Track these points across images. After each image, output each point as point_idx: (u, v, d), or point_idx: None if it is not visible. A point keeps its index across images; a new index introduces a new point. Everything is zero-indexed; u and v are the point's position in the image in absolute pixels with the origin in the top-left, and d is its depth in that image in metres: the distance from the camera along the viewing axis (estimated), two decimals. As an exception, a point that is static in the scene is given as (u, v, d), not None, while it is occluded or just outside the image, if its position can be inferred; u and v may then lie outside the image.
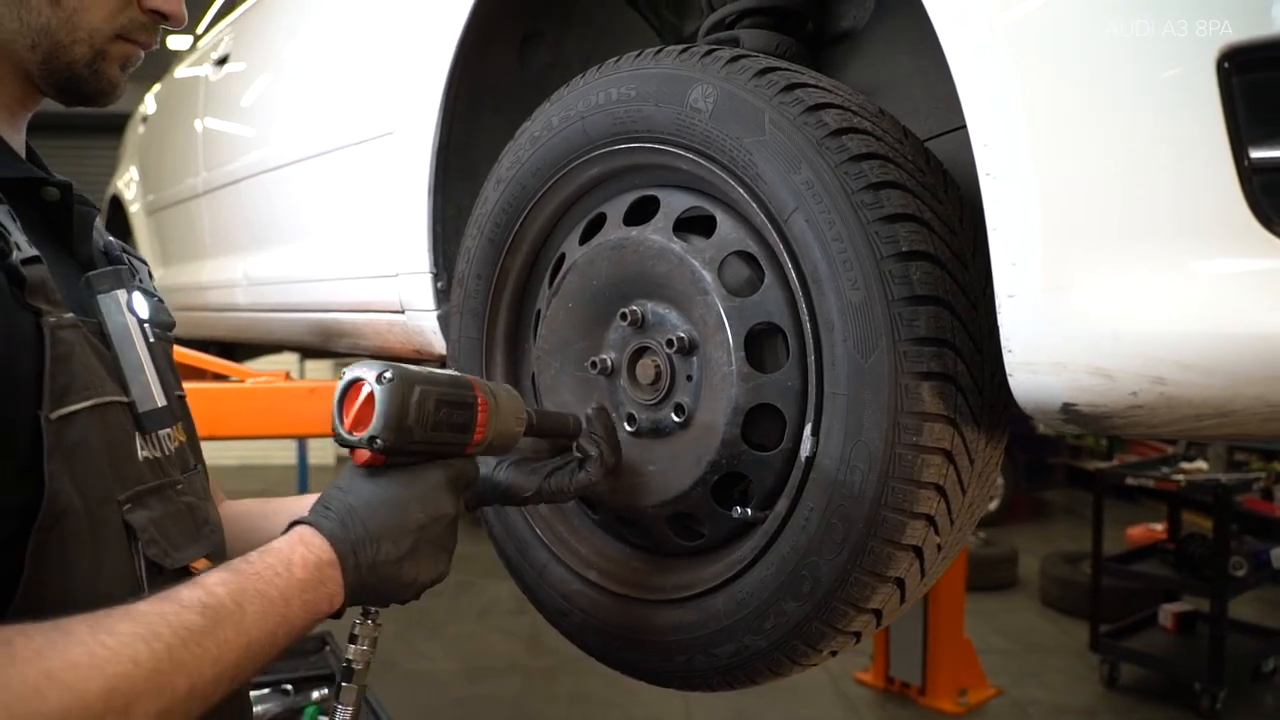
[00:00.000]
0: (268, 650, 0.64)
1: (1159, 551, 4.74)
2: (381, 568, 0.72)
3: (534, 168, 1.18)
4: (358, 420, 0.74)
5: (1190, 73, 0.65)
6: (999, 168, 0.73)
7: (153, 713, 0.56)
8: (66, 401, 0.64)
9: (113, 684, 0.54)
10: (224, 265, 2.46)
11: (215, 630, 0.60)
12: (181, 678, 0.57)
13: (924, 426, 0.84)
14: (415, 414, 0.74)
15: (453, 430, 0.78)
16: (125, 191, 3.52)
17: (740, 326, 0.98)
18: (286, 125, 2.08)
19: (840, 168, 0.88)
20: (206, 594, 0.61)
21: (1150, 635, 4.47)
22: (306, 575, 0.68)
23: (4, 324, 0.61)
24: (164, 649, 0.57)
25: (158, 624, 0.58)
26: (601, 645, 1.12)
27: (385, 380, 0.73)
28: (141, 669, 0.55)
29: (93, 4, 0.73)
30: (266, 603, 0.64)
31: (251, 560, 0.67)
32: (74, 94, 0.77)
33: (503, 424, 0.84)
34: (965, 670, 4.19)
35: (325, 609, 0.70)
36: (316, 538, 0.71)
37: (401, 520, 0.74)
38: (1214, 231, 0.66)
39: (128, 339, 0.74)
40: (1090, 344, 0.71)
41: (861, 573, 0.87)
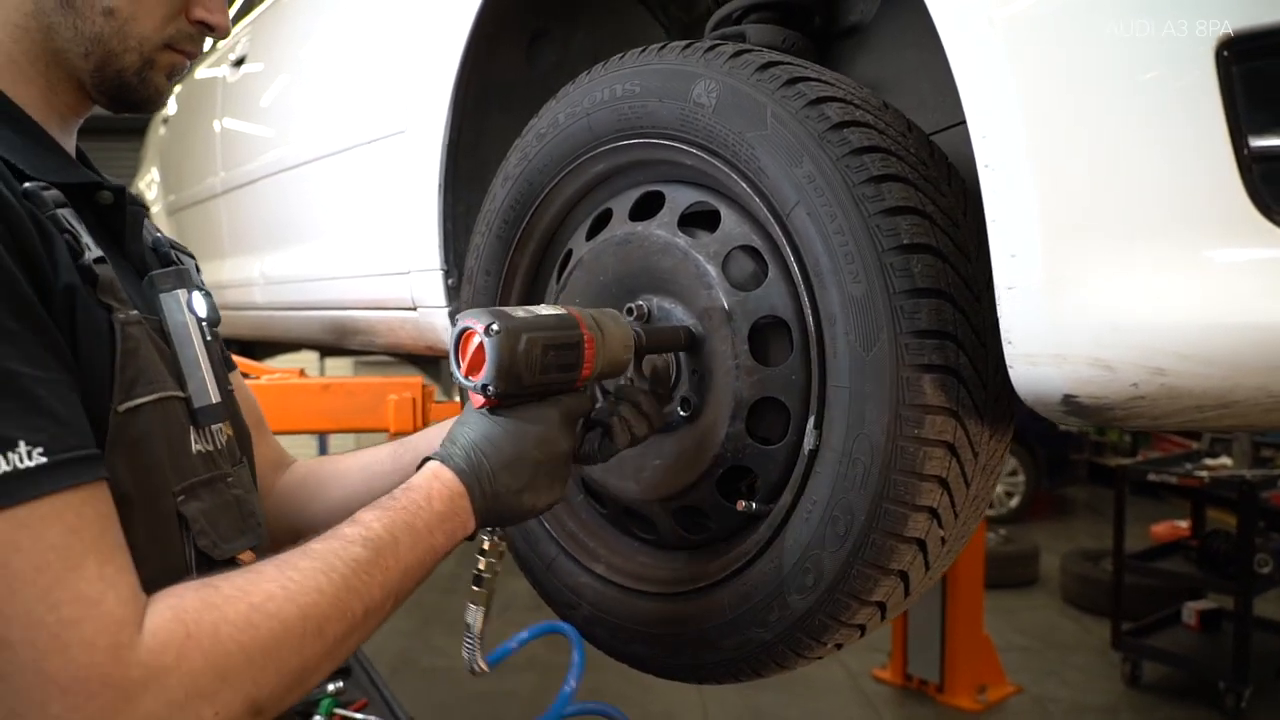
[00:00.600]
0: (418, 574, 0.73)
1: (1182, 548, 4.68)
2: (503, 497, 0.80)
3: (541, 164, 1.19)
4: (472, 366, 0.80)
5: (1188, 62, 0.65)
6: (997, 159, 0.73)
7: (340, 633, 0.66)
8: (133, 395, 0.69)
9: (306, 610, 0.63)
10: (242, 264, 2.49)
11: (378, 559, 0.69)
12: (357, 602, 0.67)
13: (925, 419, 0.84)
14: (524, 361, 0.80)
15: (560, 370, 0.84)
16: (147, 193, 3.57)
17: (744, 320, 0.99)
18: (302, 125, 2.10)
19: (841, 161, 0.88)
20: (366, 530, 0.70)
21: (1174, 633, 4.42)
22: (444, 507, 0.76)
23: (84, 320, 0.65)
24: (340, 579, 0.66)
25: (331, 558, 0.66)
26: (608, 638, 1.12)
27: (494, 333, 0.79)
28: (325, 596, 0.64)
29: (144, 14, 0.77)
30: (415, 533, 0.73)
31: (397, 497, 0.75)
32: (123, 101, 0.81)
33: (610, 353, 0.89)
34: (984, 667, 4.16)
35: (461, 534, 0.78)
36: (447, 473, 0.78)
37: (519, 456, 0.81)
38: (1213, 221, 0.66)
39: (187, 336, 0.78)
40: (1090, 335, 0.70)
41: (864, 565, 0.87)
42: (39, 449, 0.56)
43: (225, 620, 0.60)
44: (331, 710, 1.76)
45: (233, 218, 2.54)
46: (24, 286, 0.59)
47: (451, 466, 0.78)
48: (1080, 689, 4.31)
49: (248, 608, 0.61)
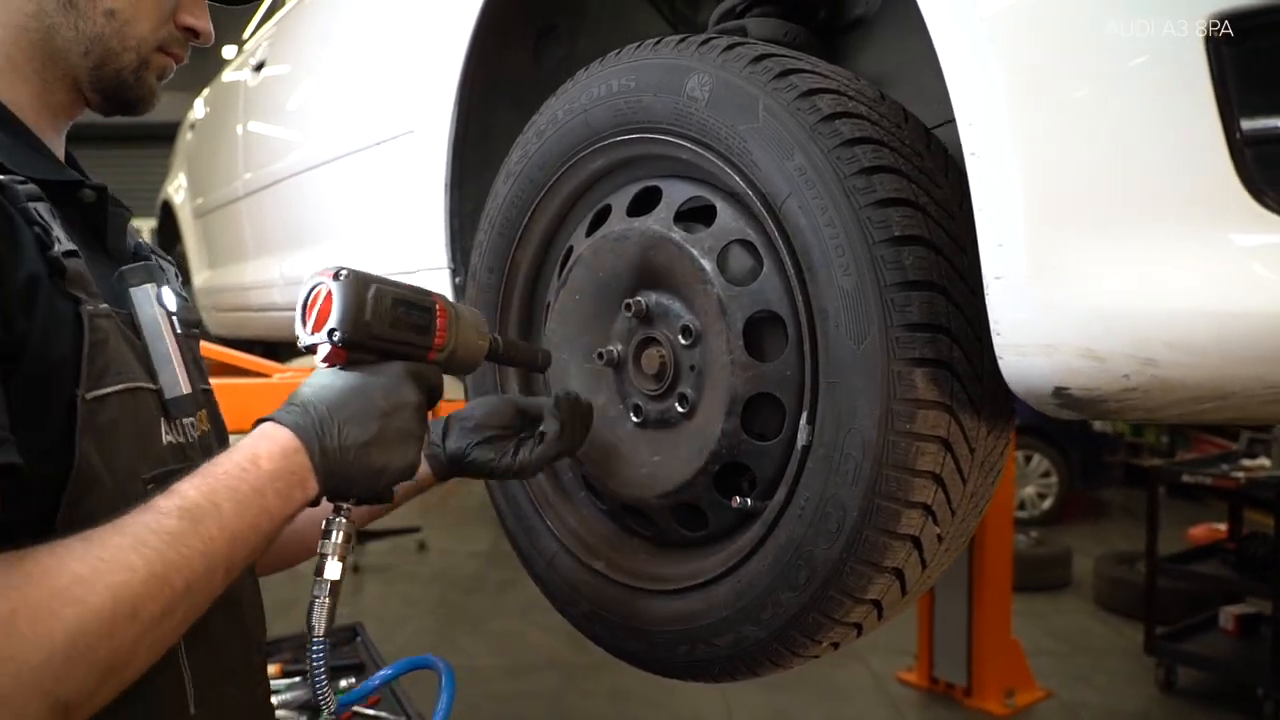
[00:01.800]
0: (253, 540, 0.68)
1: (1219, 551, 4.57)
2: (348, 451, 0.74)
3: (540, 161, 1.19)
4: (320, 319, 0.77)
5: (1177, 43, 0.63)
6: (983, 147, 0.72)
7: (157, 612, 0.61)
8: (101, 384, 0.69)
9: (115, 592, 0.58)
10: (263, 266, 2.52)
11: (197, 529, 0.64)
12: (177, 577, 0.62)
13: (917, 414, 0.82)
14: (372, 308, 0.77)
15: (411, 330, 0.80)
16: (175, 197, 3.63)
17: (739, 315, 0.98)
18: (318, 127, 2.12)
19: (832, 153, 0.86)
20: (181, 499, 0.65)
21: (1210, 638, 4.31)
22: (273, 466, 0.70)
23: (45, 310, 0.66)
24: (153, 553, 0.61)
25: (143, 532, 0.62)
26: (608, 635, 1.12)
27: (342, 277, 0.76)
28: (138, 574, 0.60)
29: (142, 16, 0.80)
30: (240, 497, 0.67)
31: (218, 462, 0.70)
32: (117, 100, 0.84)
33: (464, 335, 0.85)
34: (1012, 671, 4.09)
35: (300, 496, 0.72)
36: (278, 430, 0.73)
37: (364, 405, 0.76)
38: (1205, 207, 0.64)
39: (157, 330, 0.78)
40: (1079, 325, 0.69)
41: (857, 562, 0.86)
42: None
43: (26, 603, 0.55)
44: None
45: (255, 220, 2.58)
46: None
47: (285, 422, 0.73)
48: (1112, 694, 4.22)
49: (50, 593, 0.56)
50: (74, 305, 0.68)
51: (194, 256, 3.40)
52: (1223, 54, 0.62)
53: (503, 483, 1.26)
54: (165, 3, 0.82)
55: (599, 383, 1.15)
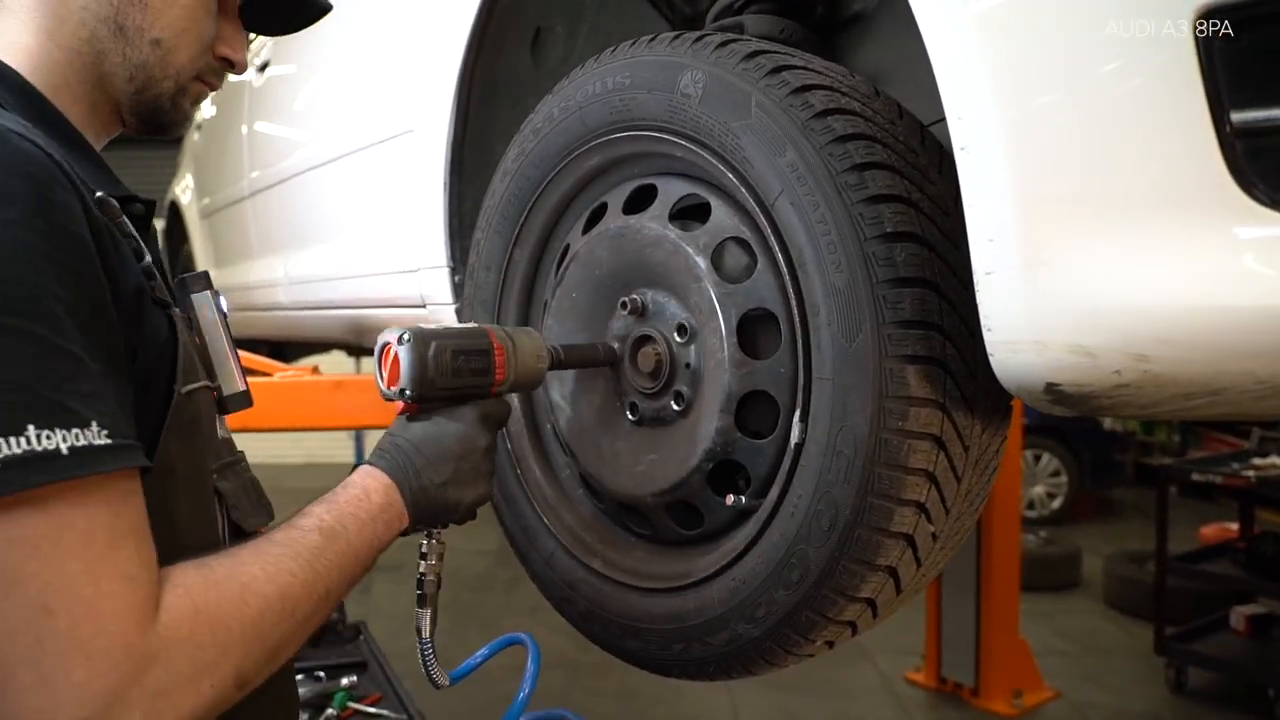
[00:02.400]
0: (366, 560, 0.80)
1: (1229, 551, 4.53)
2: (430, 491, 0.86)
3: (537, 159, 1.19)
4: (391, 377, 0.88)
5: (1166, 36, 0.62)
6: (973, 142, 0.71)
7: (308, 612, 0.72)
8: (188, 381, 0.77)
9: (284, 590, 0.69)
10: (268, 265, 2.53)
11: (332, 546, 0.75)
12: (320, 584, 0.73)
13: (910, 411, 0.82)
14: (435, 365, 0.87)
15: (473, 375, 0.90)
16: (182, 197, 3.65)
17: (733, 312, 0.98)
18: (321, 127, 2.12)
19: (825, 149, 0.86)
20: (319, 520, 0.77)
21: (1221, 638, 4.27)
22: (381, 500, 0.83)
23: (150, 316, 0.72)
24: (305, 563, 0.72)
25: (295, 545, 0.73)
26: (605, 633, 1.12)
27: (405, 341, 0.87)
28: (297, 579, 0.71)
29: (184, 47, 0.84)
30: (360, 523, 0.79)
31: (338, 493, 0.82)
32: (153, 123, 0.88)
33: (523, 363, 0.95)
34: (1020, 671, 4.07)
35: (398, 525, 0.84)
36: (378, 472, 0.85)
37: (440, 452, 0.88)
38: (1194, 200, 0.63)
39: (216, 332, 0.87)
40: (1069, 320, 0.68)
41: (850, 561, 0.86)
42: (105, 431, 0.60)
43: (224, 597, 0.65)
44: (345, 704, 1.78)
45: (259, 220, 2.59)
46: (103, 290, 0.65)
47: (382, 467, 0.85)
48: (1121, 694, 4.20)
49: (240, 587, 0.67)
50: (165, 311, 0.76)
51: (200, 256, 3.41)
52: (1212, 47, 0.61)
53: (500, 482, 1.26)
54: (206, 35, 0.86)
55: (596, 380, 1.15)
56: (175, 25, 0.82)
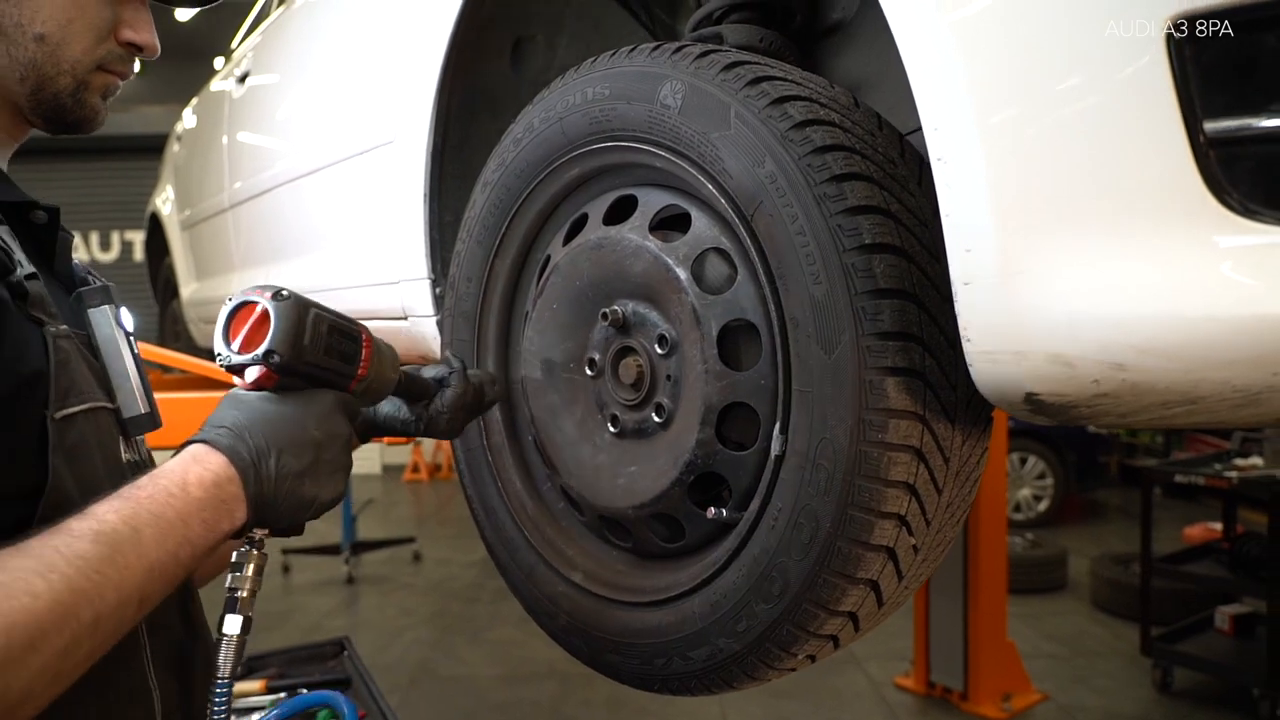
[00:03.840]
0: (173, 571, 0.64)
1: (1213, 551, 4.56)
2: (283, 481, 0.71)
3: (517, 169, 1.18)
4: (249, 340, 0.73)
5: (1139, 46, 0.62)
6: (949, 152, 0.71)
7: (61, 646, 0.55)
8: (68, 403, 0.70)
9: (13, 620, 0.53)
10: (250, 278, 2.51)
11: (113, 557, 0.59)
12: (85, 607, 0.57)
13: (889, 423, 0.82)
14: (310, 333, 0.75)
15: (340, 359, 0.79)
16: (162, 209, 3.62)
17: (714, 324, 0.97)
18: (300, 138, 2.11)
19: (803, 160, 0.86)
20: (99, 522, 0.60)
21: (1206, 639, 4.30)
22: (204, 494, 0.67)
23: (13, 334, 0.66)
24: (60, 580, 0.56)
25: (51, 556, 0.57)
26: (586, 648, 1.11)
27: (282, 298, 0.74)
28: (40, 602, 0.54)
29: (74, 39, 0.78)
30: (164, 525, 0.63)
31: (143, 485, 0.65)
32: (60, 122, 0.83)
33: (382, 367, 0.84)
34: (1009, 675, 4.08)
35: (226, 526, 0.68)
36: (213, 455, 0.69)
37: (300, 435, 0.73)
38: (1170, 209, 0.63)
39: (116, 350, 0.79)
40: (1047, 330, 0.68)
41: (831, 574, 0.85)
42: None
43: None
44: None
45: (240, 232, 2.57)
46: None
47: (220, 447, 0.69)
48: (1109, 696, 4.21)
49: None
50: (38, 328, 0.69)
51: (182, 268, 3.39)
52: (1184, 55, 0.61)
53: (481, 495, 1.25)
54: (99, 22, 0.80)
55: (577, 393, 1.14)
56: (58, 17, 0.77)
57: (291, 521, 0.74)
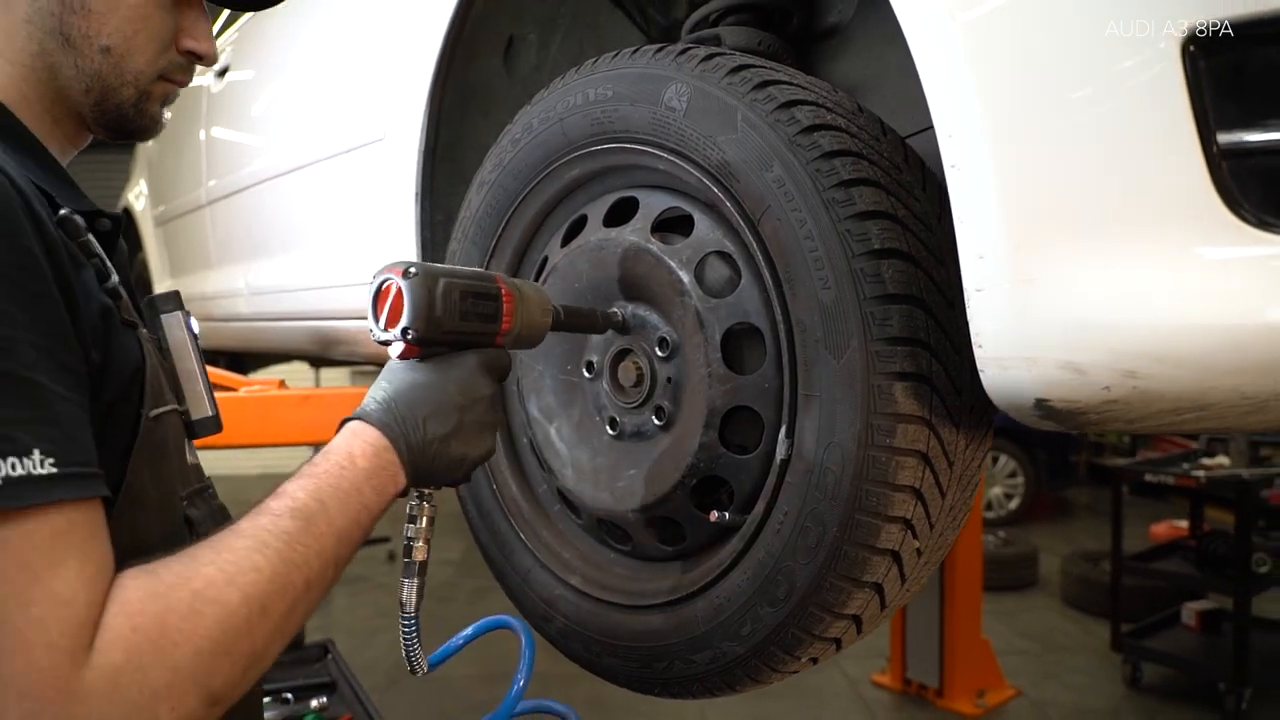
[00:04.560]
0: (355, 535, 0.72)
1: (1181, 549, 4.65)
2: (430, 445, 0.78)
3: (515, 170, 1.17)
4: (391, 317, 0.79)
5: (1155, 57, 0.63)
6: (964, 159, 0.72)
7: (284, 609, 0.65)
8: (156, 404, 0.72)
9: (246, 591, 0.62)
10: (227, 275, 2.47)
11: (309, 528, 0.68)
12: (297, 575, 0.66)
13: (897, 428, 0.82)
14: (442, 304, 0.78)
15: (480, 320, 0.82)
16: (136, 204, 3.55)
17: (717, 327, 0.97)
18: (284, 134, 2.08)
19: (811, 165, 0.86)
20: (292, 500, 0.69)
21: (1173, 634, 4.38)
22: (368, 464, 0.74)
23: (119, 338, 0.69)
24: (275, 554, 0.65)
25: (263, 534, 0.66)
26: (584, 651, 1.11)
27: (411, 275, 0.78)
28: (264, 574, 0.64)
29: (138, 50, 0.79)
30: (343, 495, 0.71)
31: (317, 463, 0.73)
32: (122, 131, 0.83)
33: (529, 315, 0.87)
34: (983, 671, 4.13)
35: (392, 490, 0.76)
36: (367, 429, 0.76)
37: (442, 400, 0.79)
38: (1182, 220, 0.64)
39: (186, 354, 0.83)
40: (1059, 337, 0.69)
41: (837, 577, 0.86)
42: (50, 459, 0.57)
43: (170, 609, 0.59)
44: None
45: (218, 228, 2.53)
46: (59, 309, 0.61)
47: (371, 421, 0.76)
48: (1080, 691, 4.28)
49: (190, 594, 0.60)
50: (133, 332, 0.72)
51: (155, 265, 3.33)
52: (1199, 68, 0.62)
53: (475, 497, 1.24)
54: (163, 32, 0.80)
55: (574, 395, 1.14)
56: (124, 29, 0.77)
57: (450, 477, 0.81)
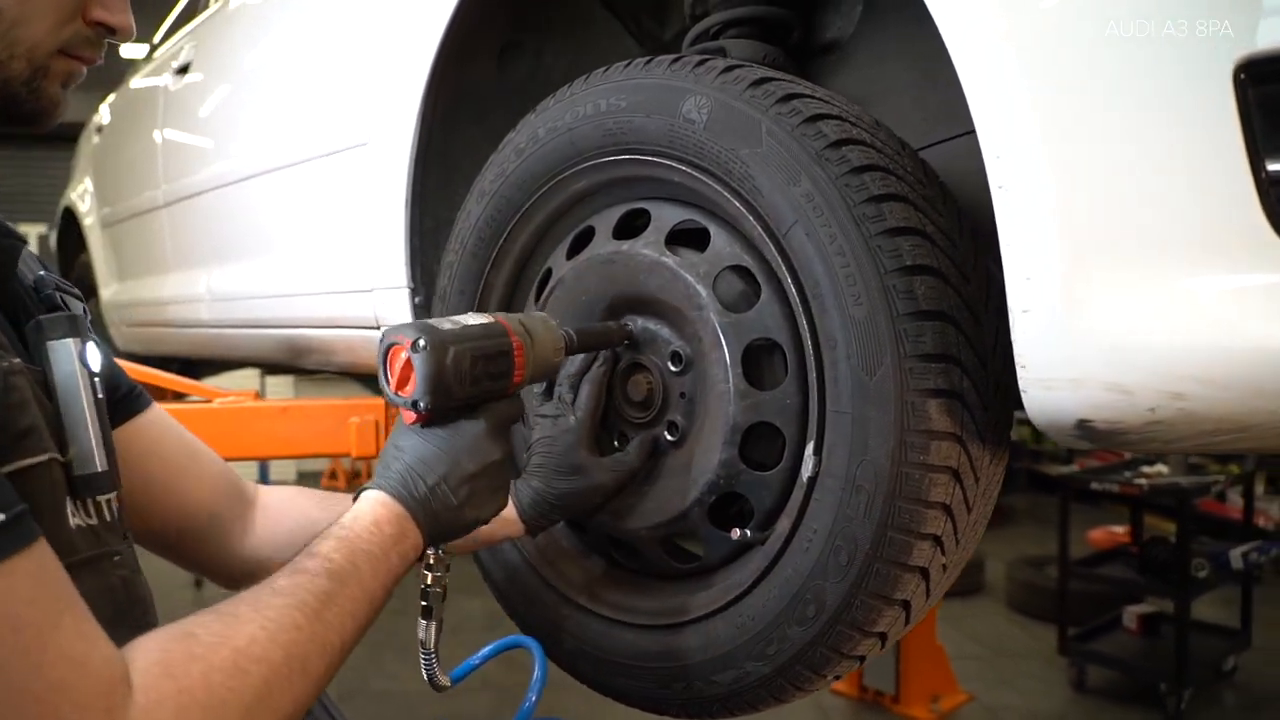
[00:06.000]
0: (380, 598, 0.73)
1: (1123, 554, 4.79)
2: (444, 514, 0.80)
3: (519, 180, 1.15)
4: (401, 381, 0.80)
5: (1208, 84, 0.64)
6: (1012, 180, 0.72)
7: (322, 668, 0.65)
8: (21, 455, 0.59)
9: (289, 650, 0.62)
10: (186, 280, 2.38)
11: (344, 589, 0.68)
12: (333, 634, 0.66)
13: (931, 445, 0.82)
14: (454, 374, 0.79)
15: (491, 379, 0.83)
16: (80, 204, 3.41)
17: (737, 343, 0.96)
18: (254, 136, 2.02)
19: (840, 180, 0.86)
20: (328, 561, 0.69)
21: (1115, 638, 4.51)
22: (393, 530, 0.76)
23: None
24: (313, 613, 0.65)
25: (302, 594, 0.66)
26: (593, 672, 1.08)
27: (421, 349, 0.78)
28: (304, 633, 0.64)
29: (34, 16, 0.67)
30: (374, 560, 0.73)
31: (348, 525, 0.74)
32: (11, 115, 0.71)
33: (540, 357, 0.88)
34: (938, 677, 4.19)
35: (413, 556, 0.78)
36: (388, 499, 0.78)
37: (457, 472, 0.80)
38: (1232, 244, 0.65)
39: (75, 392, 0.68)
40: (1108, 359, 0.69)
41: (868, 596, 0.85)
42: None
43: (214, 669, 0.58)
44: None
45: (176, 231, 2.44)
46: None
47: (390, 492, 0.78)
48: (1030, 696, 4.37)
49: (233, 653, 0.59)
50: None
51: (101, 268, 3.20)
52: (1249, 96, 0.63)
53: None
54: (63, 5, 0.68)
55: (579, 409, 1.11)
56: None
57: (463, 536, 0.84)
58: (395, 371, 0.80)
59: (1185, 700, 4.04)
